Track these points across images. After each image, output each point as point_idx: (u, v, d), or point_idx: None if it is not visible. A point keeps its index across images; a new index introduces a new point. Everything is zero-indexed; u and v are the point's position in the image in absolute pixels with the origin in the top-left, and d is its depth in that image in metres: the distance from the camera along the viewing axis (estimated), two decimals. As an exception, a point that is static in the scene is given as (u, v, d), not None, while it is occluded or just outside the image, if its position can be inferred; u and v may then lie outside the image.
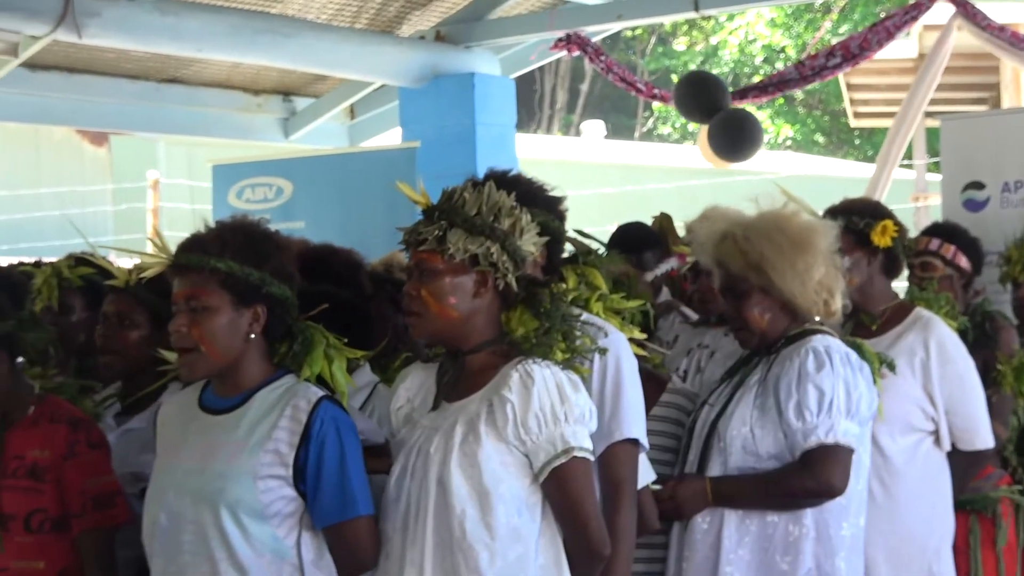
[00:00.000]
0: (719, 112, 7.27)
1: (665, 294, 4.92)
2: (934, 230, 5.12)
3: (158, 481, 3.03)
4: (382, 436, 3.14)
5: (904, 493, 4.08)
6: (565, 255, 3.43)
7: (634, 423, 3.20)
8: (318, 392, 2.98)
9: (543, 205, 3.10)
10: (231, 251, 2.96)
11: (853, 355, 3.61)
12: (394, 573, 2.95)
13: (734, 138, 7.33)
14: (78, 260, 4.08)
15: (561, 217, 3.15)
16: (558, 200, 3.11)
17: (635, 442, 3.20)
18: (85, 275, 4.08)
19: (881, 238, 4.23)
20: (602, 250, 3.80)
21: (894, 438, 4.08)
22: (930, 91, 7.44)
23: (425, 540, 2.91)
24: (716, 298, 4.30)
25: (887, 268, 4.32)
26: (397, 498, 2.99)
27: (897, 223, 4.29)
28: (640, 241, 4.82)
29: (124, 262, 4.28)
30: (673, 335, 4.47)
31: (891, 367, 3.94)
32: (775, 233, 3.60)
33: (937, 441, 4.18)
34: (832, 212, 4.32)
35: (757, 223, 3.65)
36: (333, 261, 3.44)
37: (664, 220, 4.93)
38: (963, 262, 4.99)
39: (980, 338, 4.79)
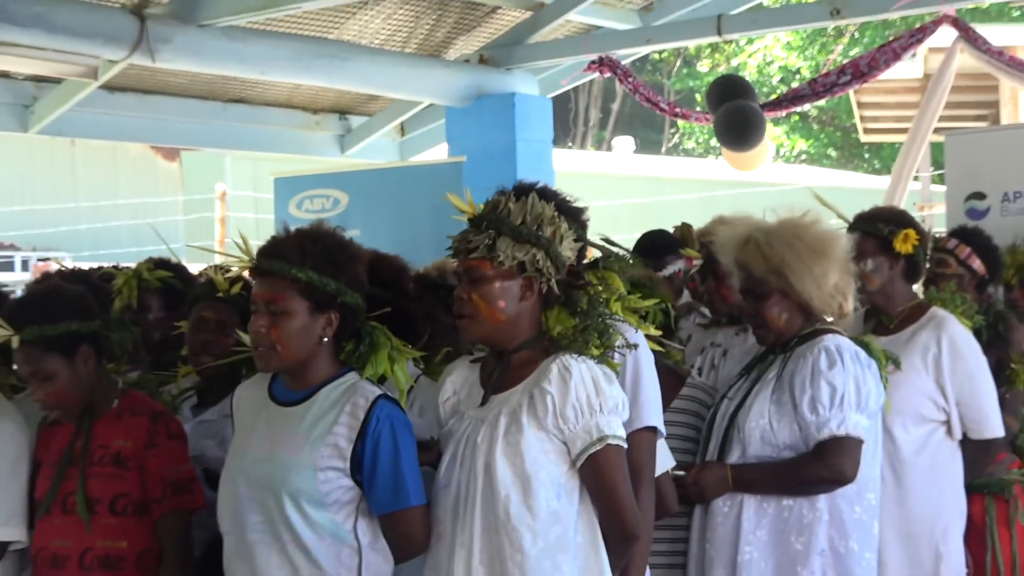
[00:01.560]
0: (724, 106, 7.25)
1: (685, 296, 4.91)
2: (955, 232, 5.06)
3: (231, 466, 3.04)
4: (429, 434, 3.14)
5: (914, 479, 4.05)
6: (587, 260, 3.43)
7: (652, 412, 3.19)
8: (376, 391, 2.97)
9: (568, 215, 3.10)
10: (311, 261, 2.94)
11: (862, 353, 3.59)
12: (445, 554, 2.95)
13: (738, 125, 7.29)
14: (157, 264, 4.11)
15: (584, 226, 3.15)
16: (581, 210, 3.10)
17: (653, 430, 3.18)
18: (163, 278, 4.11)
19: (903, 245, 4.19)
20: (627, 256, 3.80)
21: (907, 429, 4.05)
22: (939, 109, 7.40)
23: (474, 523, 2.91)
24: (725, 299, 4.30)
25: (908, 273, 4.28)
26: (447, 485, 2.99)
27: (920, 232, 4.24)
28: (661, 247, 4.81)
29: (195, 268, 4.31)
30: (687, 334, 4.46)
31: (896, 363, 3.91)
32: (795, 240, 3.59)
33: (949, 431, 4.14)
34: (860, 218, 4.30)
35: (778, 230, 3.63)
36: (380, 266, 3.43)
37: (684, 229, 4.90)
38: (976, 264, 4.93)
39: (994, 337, 4.74)
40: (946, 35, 7.15)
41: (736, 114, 7.28)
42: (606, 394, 2.92)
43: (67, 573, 3.26)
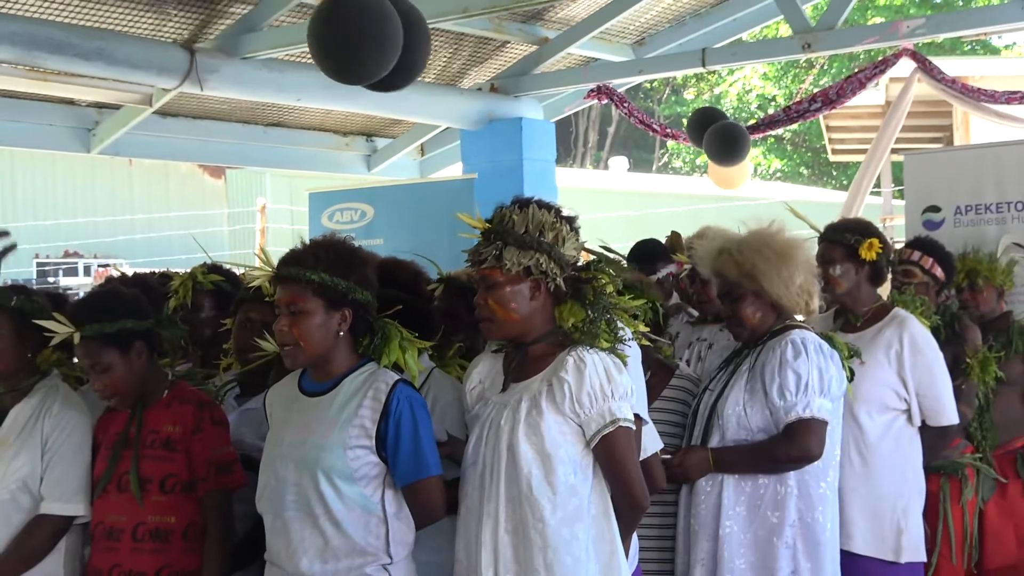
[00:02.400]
0: (711, 128, 7.25)
1: (676, 298, 4.91)
2: (916, 244, 5.06)
3: (268, 452, 3.03)
4: (443, 435, 3.13)
5: (878, 461, 4.03)
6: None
7: (638, 401, 3.17)
8: (394, 376, 2.98)
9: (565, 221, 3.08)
10: (323, 265, 2.95)
11: (825, 345, 3.61)
12: (473, 523, 2.96)
13: (727, 144, 7.29)
14: (210, 268, 4.10)
15: (576, 232, 3.15)
16: (573, 219, 3.11)
17: (637, 417, 3.15)
18: (215, 281, 4.10)
19: (868, 252, 4.19)
20: (623, 261, 3.81)
21: (872, 416, 4.03)
22: (896, 133, 7.41)
23: (499, 496, 2.92)
24: (711, 300, 4.30)
25: (872, 277, 4.28)
26: (474, 462, 2.99)
27: (883, 241, 4.24)
28: (653, 254, 4.81)
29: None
30: (676, 331, 4.46)
31: (858, 355, 3.93)
32: (763, 247, 3.61)
33: (909, 419, 4.12)
34: (829, 229, 4.30)
35: (748, 239, 3.66)
36: (397, 271, 3.43)
37: (674, 237, 4.91)
38: (938, 272, 4.94)
39: (950, 335, 4.74)
40: (905, 66, 7.15)
41: (726, 132, 7.29)
42: (617, 382, 2.93)
43: (122, 545, 3.26)
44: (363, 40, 4.23)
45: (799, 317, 3.70)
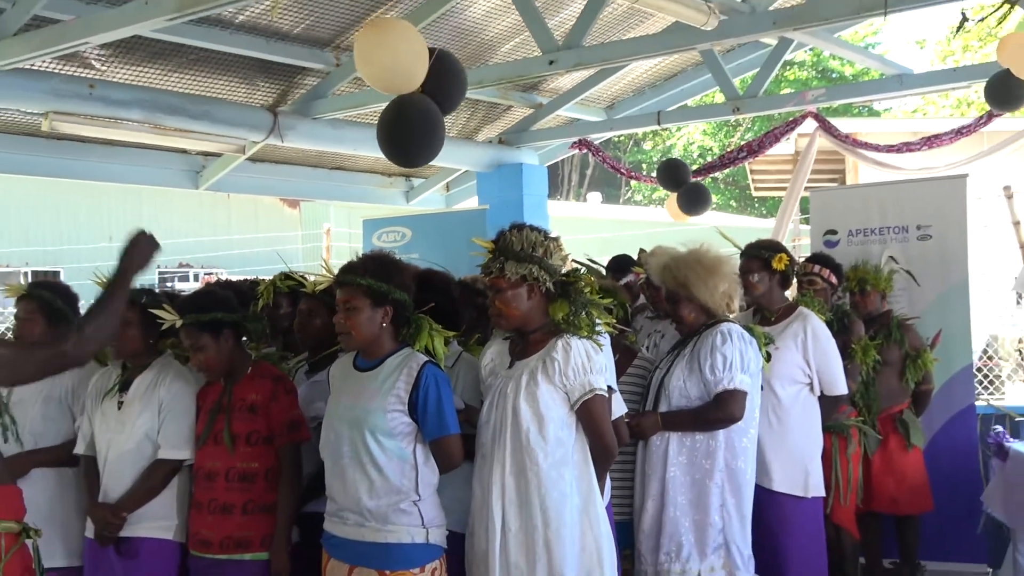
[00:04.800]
0: (685, 185, 7.25)
1: (642, 299, 4.87)
2: (817, 258, 5.04)
3: (329, 413, 3.02)
4: (460, 404, 3.10)
5: (790, 421, 4.01)
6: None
7: (609, 376, 3.15)
8: (424, 358, 2.96)
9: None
10: (370, 273, 2.95)
11: (747, 334, 3.61)
12: (486, 467, 2.96)
13: (696, 201, 7.29)
14: (285, 276, 4.09)
15: (561, 249, 3.13)
16: (557, 238, 3.10)
17: (610, 387, 3.14)
18: (289, 285, 4.09)
19: (778, 264, 4.18)
20: (600, 270, 3.79)
21: (784, 387, 4.01)
22: (806, 176, 7.38)
23: (505, 446, 2.93)
24: (661, 301, 4.28)
25: (782, 283, 4.26)
26: (488, 421, 3.00)
27: (789, 256, 4.25)
28: (624, 265, 4.78)
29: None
30: (640, 325, 4.44)
31: (772, 342, 3.92)
32: (695, 263, 3.62)
33: (811, 390, 4.11)
34: (749, 247, 4.28)
35: (685, 256, 3.67)
36: (433, 278, 3.42)
37: (642, 253, 4.90)
38: (833, 280, 4.94)
39: (840, 327, 4.74)
40: (810, 125, 7.13)
41: (699, 191, 7.29)
42: (594, 360, 2.94)
43: (217, 484, 3.26)
44: (420, 153, 4.21)
45: (729, 314, 3.68)
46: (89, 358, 2.68)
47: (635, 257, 4.85)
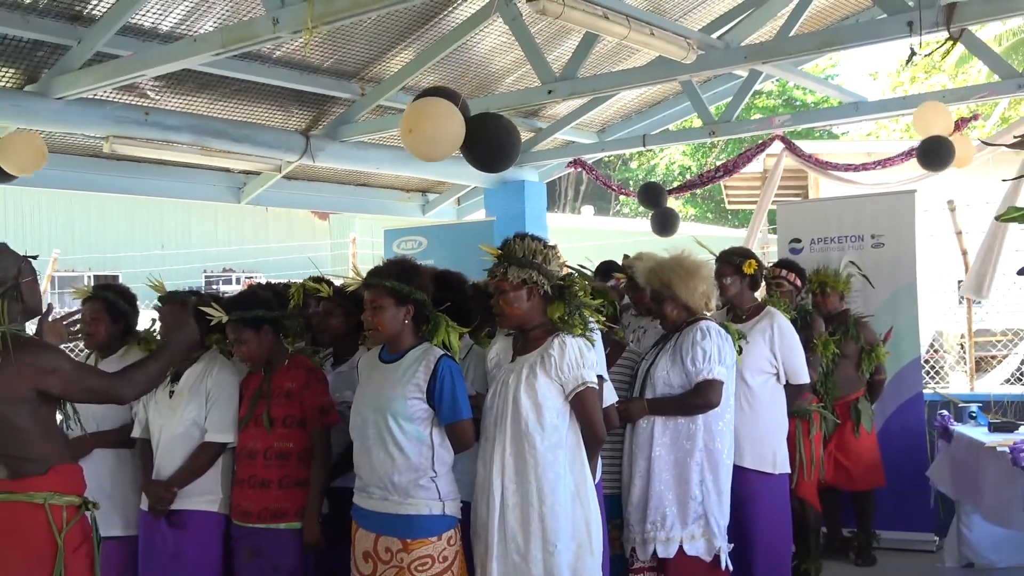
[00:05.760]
0: (658, 208, 7.28)
1: (626, 299, 4.86)
2: (783, 264, 5.03)
3: (357, 400, 3.01)
4: (472, 391, 3.09)
5: (759, 408, 4.00)
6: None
7: (600, 367, 3.14)
8: (440, 352, 2.95)
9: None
10: (393, 275, 2.94)
11: (723, 330, 3.60)
12: (489, 448, 2.95)
13: (665, 224, 7.33)
14: (316, 280, 4.10)
15: (558, 256, 3.12)
16: (555, 246, 3.10)
17: (601, 377, 3.14)
18: (319, 289, 4.08)
19: (748, 268, 4.17)
20: (591, 274, 3.78)
21: (754, 377, 4.00)
22: (774, 191, 7.38)
23: (506, 431, 2.91)
24: (643, 302, 4.27)
25: (752, 285, 4.25)
26: (491, 407, 2.98)
27: (758, 261, 4.23)
28: (609, 270, 4.77)
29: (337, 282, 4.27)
30: (627, 322, 4.43)
31: (744, 337, 3.91)
32: (677, 267, 3.62)
33: (778, 379, 4.10)
34: (723, 253, 4.27)
35: (667, 261, 3.66)
36: (448, 279, 3.41)
37: (626, 259, 4.88)
38: (798, 282, 4.93)
39: (803, 324, 4.73)
40: (777, 147, 7.13)
41: (667, 217, 7.30)
42: (586, 356, 2.92)
43: (256, 462, 3.26)
44: (504, 158, 4.20)
45: (707, 312, 3.68)
46: (129, 401, 2.78)
47: (619, 263, 4.84)
